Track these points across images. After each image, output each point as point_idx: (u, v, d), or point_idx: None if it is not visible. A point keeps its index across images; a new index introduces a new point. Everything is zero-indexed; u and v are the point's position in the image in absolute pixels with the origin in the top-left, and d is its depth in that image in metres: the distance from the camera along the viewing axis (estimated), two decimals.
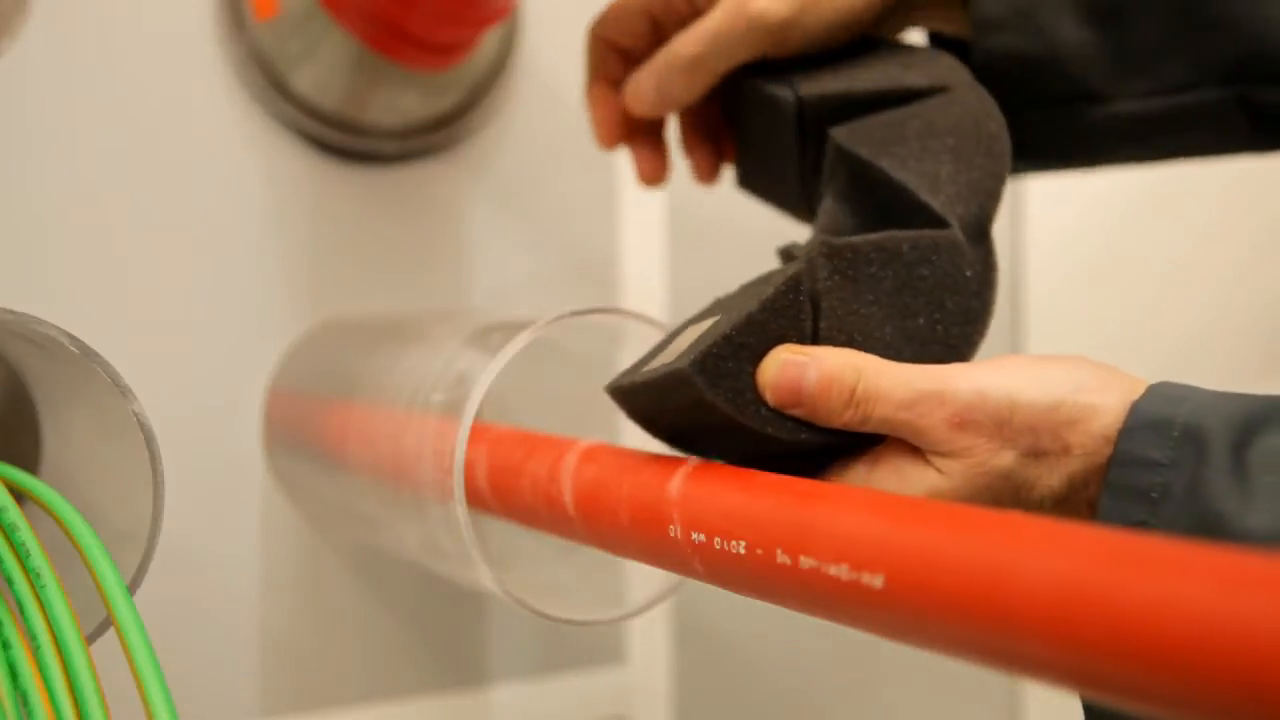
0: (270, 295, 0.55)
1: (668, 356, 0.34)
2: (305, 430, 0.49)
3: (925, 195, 0.36)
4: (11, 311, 0.30)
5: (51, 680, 0.28)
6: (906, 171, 0.37)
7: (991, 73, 0.40)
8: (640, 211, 0.64)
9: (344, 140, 0.55)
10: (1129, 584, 0.19)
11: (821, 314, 0.34)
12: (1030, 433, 0.30)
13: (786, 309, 0.33)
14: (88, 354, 0.30)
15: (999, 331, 0.65)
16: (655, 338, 0.40)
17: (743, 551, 0.28)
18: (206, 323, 0.54)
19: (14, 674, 0.28)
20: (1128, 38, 0.40)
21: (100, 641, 0.31)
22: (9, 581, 0.30)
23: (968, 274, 0.35)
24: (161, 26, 0.53)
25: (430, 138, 0.57)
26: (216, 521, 0.54)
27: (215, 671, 0.54)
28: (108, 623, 0.30)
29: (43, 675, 0.28)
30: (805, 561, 0.26)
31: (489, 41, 0.58)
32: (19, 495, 0.33)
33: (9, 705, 0.28)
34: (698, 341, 0.33)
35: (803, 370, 0.31)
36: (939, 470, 0.31)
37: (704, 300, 0.40)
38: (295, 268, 0.56)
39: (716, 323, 0.34)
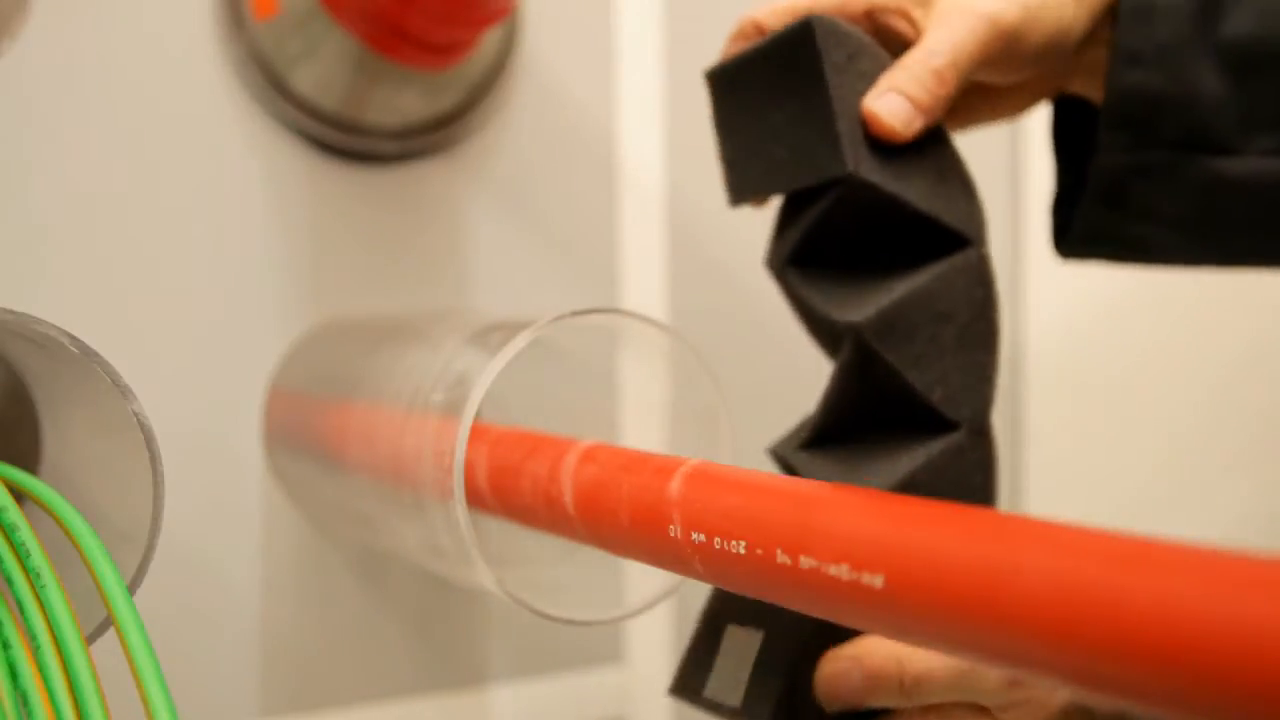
0: (270, 295, 0.55)
1: (725, 683, 0.35)
2: (305, 430, 0.49)
3: (935, 400, 0.37)
4: (11, 311, 0.30)
5: (51, 680, 0.28)
6: (918, 370, 0.37)
7: (1123, 104, 0.40)
8: (640, 211, 0.64)
9: (344, 140, 0.55)
10: (1130, 584, 0.19)
11: None
12: None
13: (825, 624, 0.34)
14: (88, 354, 0.30)
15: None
16: (655, 338, 0.40)
17: (743, 551, 0.28)
18: (206, 323, 0.54)
19: (14, 674, 0.28)
20: (1263, 90, 0.40)
21: (100, 641, 0.31)
22: (9, 581, 0.30)
23: (976, 480, 0.36)
24: (161, 26, 0.53)
25: (430, 138, 0.57)
26: (216, 521, 0.54)
27: (215, 671, 0.54)
28: (108, 623, 0.30)
29: (43, 675, 0.28)
30: (805, 561, 0.26)
31: (489, 41, 0.58)
32: (19, 495, 0.33)
33: (9, 705, 0.28)
34: (756, 682, 0.34)
35: (848, 675, 0.33)
36: None
37: (704, 301, 0.40)
38: (295, 268, 0.56)
39: (766, 659, 0.34)
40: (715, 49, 0.66)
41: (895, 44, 0.42)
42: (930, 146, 0.39)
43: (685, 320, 0.64)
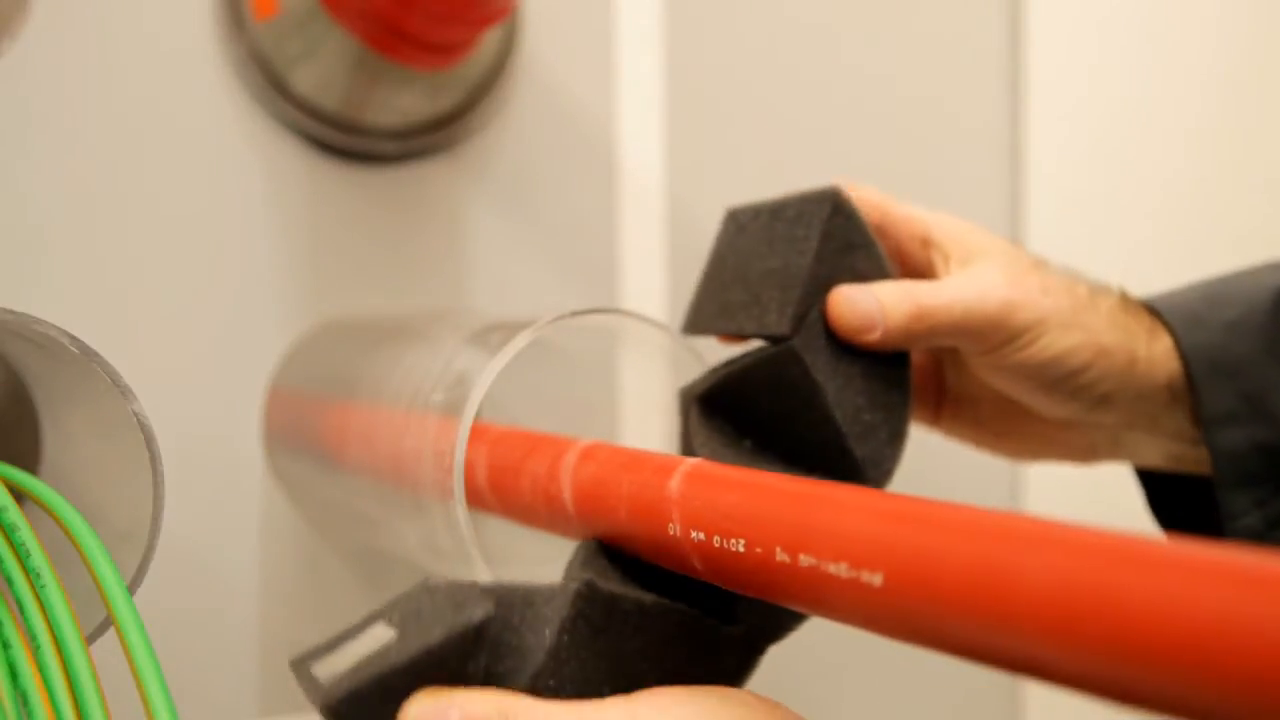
0: (270, 295, 0.55)
1: (331, 668, 0.31)
2: (305, 430, 0.49)
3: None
4: (11, 311, 0.30)
5: (51, 680, 0.28)
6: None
7: (1237, 466, 0.39)
8: (640, 211, 0.64)
9: (344, 140, 0.55)
10: (1129, 584, 0.19)
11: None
12: None
13: (455, 654, 0.29)
14: (88, 354, 0.30)
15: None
16: (655, 338, 0.40)
17: (742, 550, 0.28)
18: (206, 323, 0.54)
19: (14, 674, 0.28)
20: None
21: (100, 641, 0.31)
22: (9, 581, 0.30)
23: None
24: (161, 26, 0.53)
25: (430, 138, 0.57)
26: (216, 521, 0.54)
27: (215, 671, 0.54)
28: (108, 623, 0.30)
29: (43, 675, 0.28)
30: (804, 560, 0.26)
31: (489, 41, 0.58)
32: (19, 495, 0.33)
33: (9, 705, 0.28)
34: (359, 666, 0.30)
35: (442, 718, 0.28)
36: None
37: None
38: (295, 268, 0.56)
39: (385, 649, 0.31)
40: (715, 49, 0.66)
41: (900, 259, 0.42)
42: (885, 374, 0.38)
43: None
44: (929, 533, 0.23)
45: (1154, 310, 0.41)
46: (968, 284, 0.38)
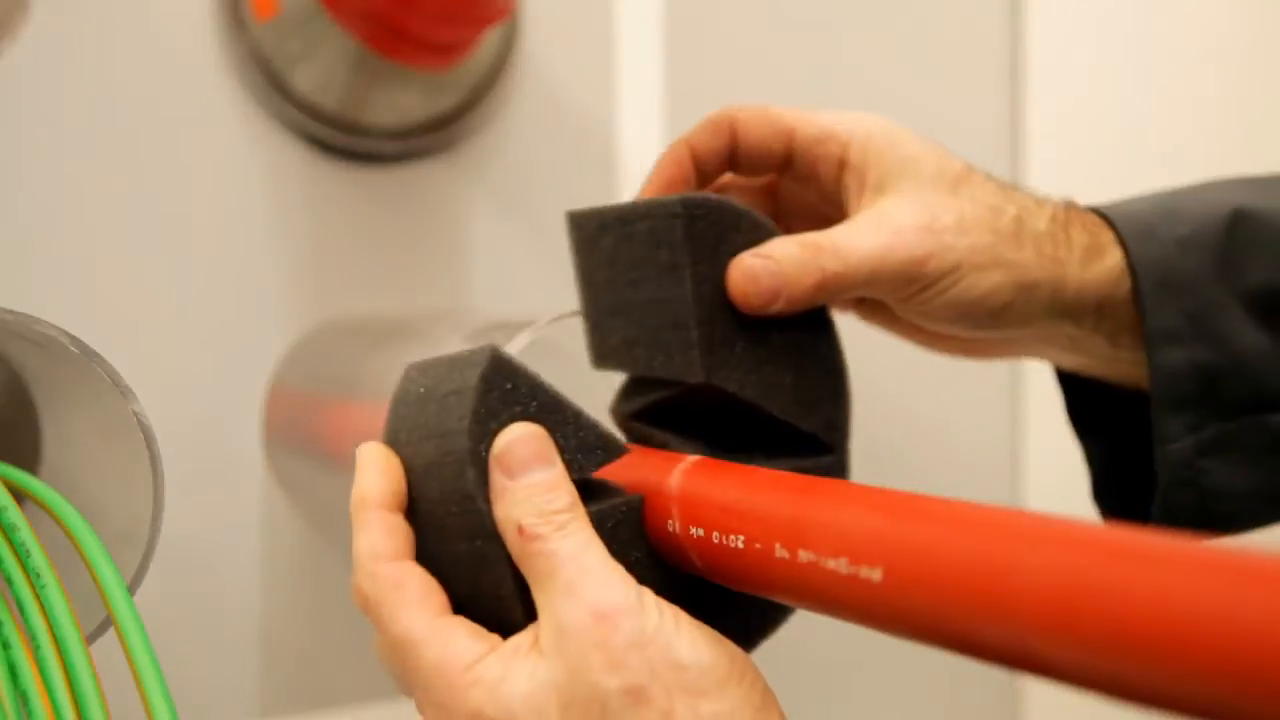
0: (270, 295, 0.55)
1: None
2: (305, 430, 0.49)
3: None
4: (11, 311, 0.30)
5: (51, 680, 0.28)
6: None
7: (1174, 386, 0.38)
8: None
9: (344, 140, 0.55)
10: (1128, 579, 0.19)
11: None
12: None
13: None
14: (88, 354, 0.30)
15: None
16: None
17: (741, 546, 0.28)
18: (206, 323, 0.54)
19: (14, 674, 0.28)
20: None
21: (100, 641, 0.31)
22: (9, 581, 0.30)
23: None
24: (161, 26, 0.53)
25: (430, 138, 0.57)
26: (216, 521, 0.54)
27: (215, 671, 0.54)
28: (108, 623, 0.30)
29: (43, 675, 0.28)
30: (804, 555, 0.26)
31: (489, 41, 0.58)
32: (19, 495, 0.33)
33: (9, 705, 0.28)
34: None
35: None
36: None
37: None
38: (295, 268, 0.56)
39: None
40: (714, 49, 0.66)
41: (816, 184, 0.39)
42: (807, 338, 0.36)
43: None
44: (928, 528, 0.23)
45: (1109, 220, 0.39)
46: (875, 234, 0.35)
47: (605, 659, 0.27)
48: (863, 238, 0.35)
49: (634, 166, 0.64)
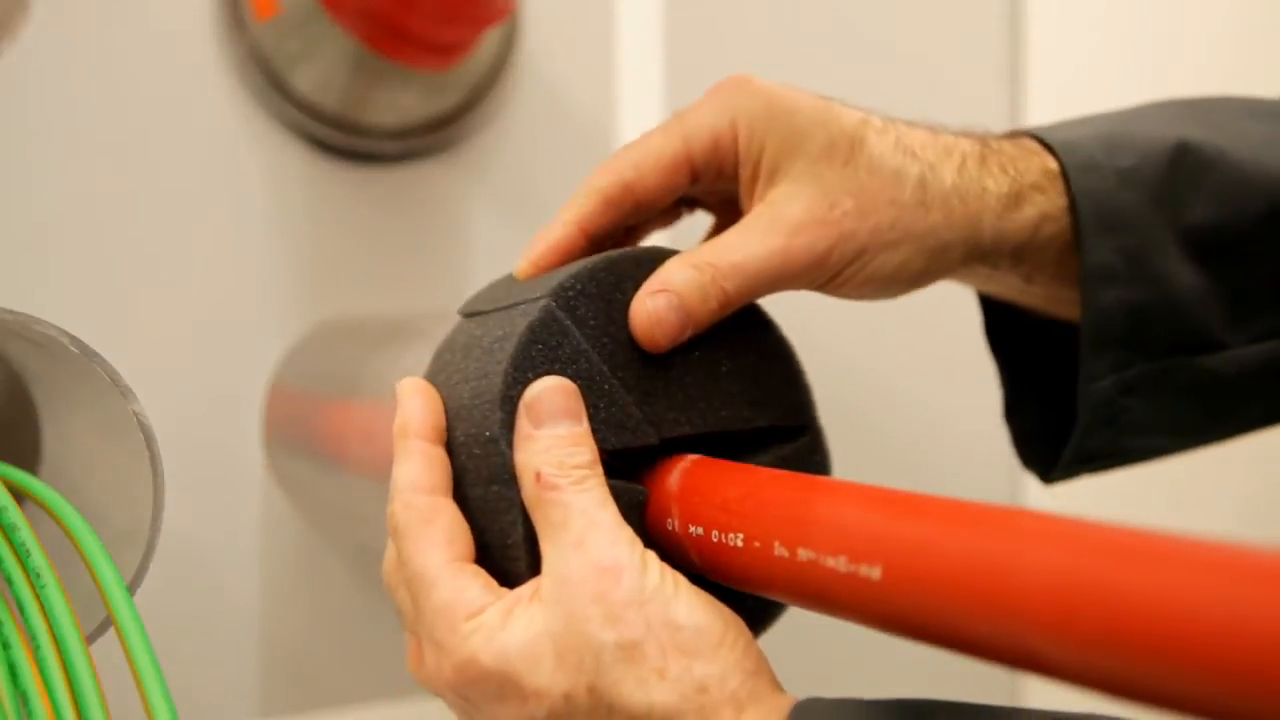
0: (270, 295, 0.55)
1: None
2: (305, 430, 0.49)
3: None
4: (11, 311, 0.30)
5: (51, 680, 0.28)
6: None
7: (1106, 325, 0.37)
8: None
9: (344, 140, 0.55)
10: (1126, 577, 0.19)
11: None
12: None
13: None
14: (88, 354, 0.30)
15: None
16: None
17: (740, 544, 0.28)
18: (206, 323, 0.54)
19: (14, 674, 0.28)
20: (1242, 279, 0.38)
21: (100, 641, 0.31)
22: (9, 581, 0.30)
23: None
24: (162, 26, 0.53)
25: (430, 138, 0.57)
26: (216, 521, 0.54)
27: (215, 671, 0.54)
28: (108, 623, 0.30)
29: (43, 675, 0.28)
30: (803, 554, 0.26)
31: (489, 41, 0.58)
32: (19, 495, 0.33)
33: (9, 705, 0.28)
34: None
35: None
36: None
37: None
38: (295, 268, 0.56)
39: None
40: (714, 49, 0.66)
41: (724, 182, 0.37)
42: (732, 335, 0.34)
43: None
44: (928, 527, 0.23)
45: (1052, 149, 0.37)
46: (770, 237, 0.33)
47: (603, 612, 0.27)
48: (759, 244, 0.33)
49: None
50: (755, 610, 0.33)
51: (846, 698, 0.27)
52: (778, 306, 0.46)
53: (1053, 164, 0.37)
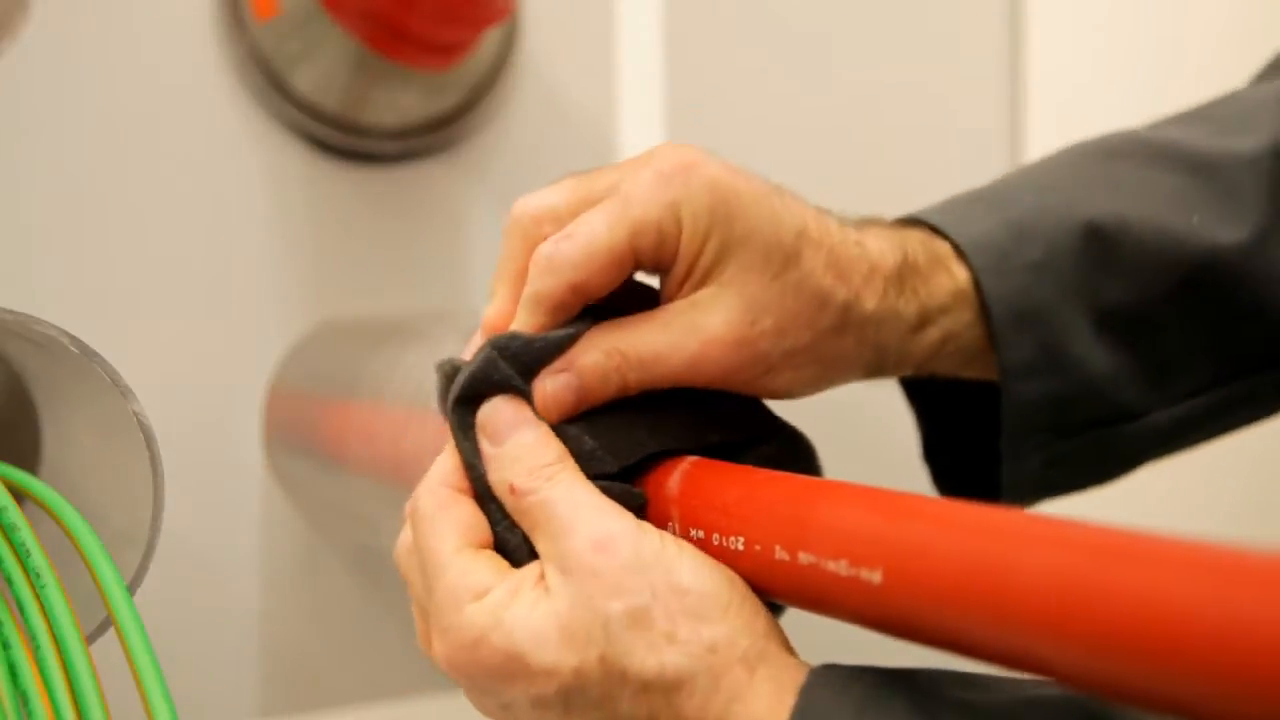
0: (270, 295, 0.55)
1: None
2: (305, 430, 0.49)
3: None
4: (11, 311, 0.30)
5: (51, 680, 0.28)
6: None
7: (1028, 417, 0.38)
8: None
9: (344, 140, 0.55)
10: (1124, 579, 0.19)
11: None
12: None
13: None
14: (88, 354, 0.30)
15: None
16: None
17: (741, 548, 0.28)
18: (206, 323, 0.54)
19: (14, 674, 0.28)
20: (1156, 350, 0.38)
21: (100, 641, 0.31)
22: (9, 581, 0.30)
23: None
24: (161, 27, 0.53)
25: (430, 138, 0.57)
26: (216, 521, 0.54)
27: (215, 671, 0.54)
28: (108, 623, 0.30)
29: (43, 675, 0.28)
30: (804, 558, 0.26)
31: (489, 41, 0.58)
32: (19, 495, 0.33)
33: (9, 705, 0.28)
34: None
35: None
36: None
37: None
38: (295, 268, 0.56)
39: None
40: (714, 49, 0.66)
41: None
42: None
43: None
44: (928, 530, 0.23)
45: (959, 249, 0.37)
46: (686, 343, 0.32)
47: (604, 584, 0.28)
48: (673, 347, 0.32)
49: None
50: None
51: (865, 665, 0.27)
52: None
53: (962, 276, 0.37)
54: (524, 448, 0.31)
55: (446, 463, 0.33)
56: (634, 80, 0.64)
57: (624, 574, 0.28)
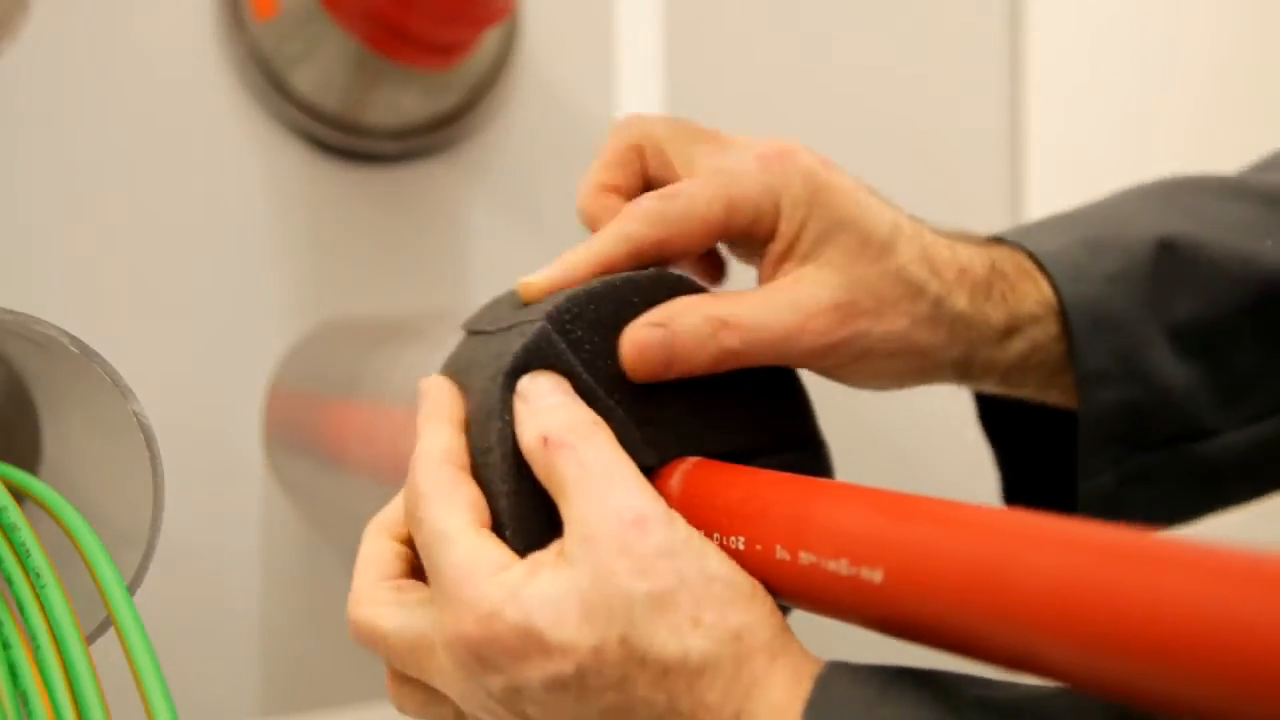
0: (270, 295, 0.55)
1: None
2: (305, 430, 0.49)
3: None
4: (11, 311, 0.30)
5: (51, 680, 0.28)
6: None
7: (1103, 425, 0.38)
8: None
9: (344, 140, 0.55)
10: (1128, 580, 0.19)
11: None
12: None
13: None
14: (88, 354, 0.30)
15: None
16: None
17: (742, 548, 0.28)
18: (206, 323, 0.54)
19: (14, 674, 0.28)
20: (1229, 368, 0.39)
21: (100, 641, 0.31)
22: (9, 581, 0.30)
23: None
24: (161, 27, 0.53)
25: (430, 138, 0.57)
26: (216, 521, 0.54)
27: (215, 671, 0.54)
28: (108, 623, 0.30)
29: (43, 675, 0.28)
30: (805, 557, 0.26)
31: (489, 41, 0.58)
32: (19, 495, 0.33)
33: (9, 705, 0.28)
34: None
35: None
36: None
37: None
38: (295, 268, 0.56)
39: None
40: (714, 49, 0.66)
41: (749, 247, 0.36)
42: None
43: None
44: (929, 530, 0.23)
45: (1038, 262, 0.38)
46: (787, 315, 0.33)
47: (633, 564, 0.27)
48: (774, 318, 0.33)
49: None
50: None
51: (874, 665, 0.27)
52: None
53: (1046, 287, 0.38)
54: (562, 406, 0.30)
55: (444, 440, 0.32)
56: (634, 80, 0.64)
57: (654, 557, 0.27)
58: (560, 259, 0.35)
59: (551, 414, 0.30)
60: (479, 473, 0.31)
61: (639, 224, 0.34)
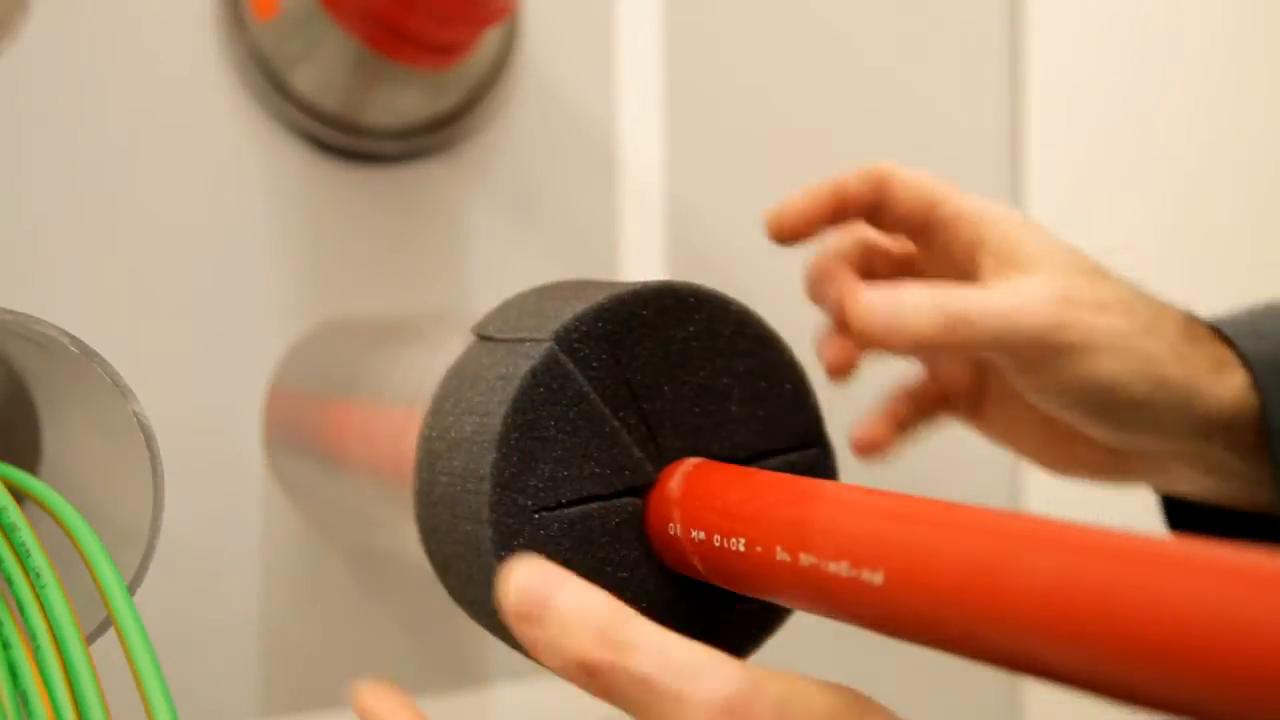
0: (270, 295, 0.55)
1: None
2: (305, 430, 0.49)
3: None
4: (11, 311, 0.30)
5: (51, 680, 0.28)
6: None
7: None
8: (640, 211, 0.64)
9: (344, 140, 0.55)
10: (1129, 583, 0.19)
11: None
12: None
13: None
14: (88, 354, 0.30)
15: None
16: None
17: (742, 549, 0.28)
18: (206, 323, 0.54)
19: (14, 674, 0.28)
20: None
21: (100, 641, 0.31)
22: (9, 581, 0.30)
23: None
24: (161, 27, 0.53)
25: (430, 138, 0.57)
26: (216, 521, 0.54)
27: (215, 671, 0.54)
28: (108, 623, 0.30)
29: (43, 675, 0.28)
30: (805, 559, 0.26)
31: (489, 41, 0.58)
32: (19, 495, 0.33)
33: (9, 705, 0.28)
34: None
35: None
36: None
37: None
38: (295, 268, 0.56)
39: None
40: (715, 49, 0.66)
41: (950, 261, 0.39)
42: (734, 361, 0.33)
43: None
44: (930, 532, 0.23)
45: (1215, 327, 0.38)
46: (1010, 294, 0.34)
47: None
48: (998, 296, 0.34)
49: (634, 166, 0.64)
50: (760, 614, 0.33)
51: None
52: (781, 312, 0.46)
53: (1224, 344, 0.37)
54: (571, 612, 0.25)
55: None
56: (634, 80, 0.64)
57: None
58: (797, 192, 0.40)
59: (571, 629, 0.25)
60: (467, 496, 0.30)
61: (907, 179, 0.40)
